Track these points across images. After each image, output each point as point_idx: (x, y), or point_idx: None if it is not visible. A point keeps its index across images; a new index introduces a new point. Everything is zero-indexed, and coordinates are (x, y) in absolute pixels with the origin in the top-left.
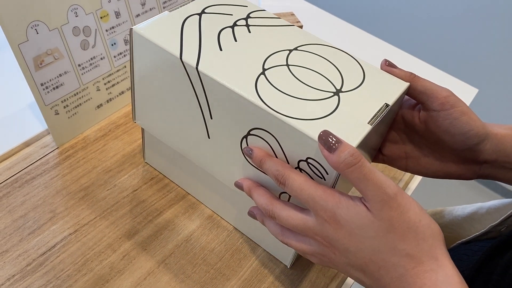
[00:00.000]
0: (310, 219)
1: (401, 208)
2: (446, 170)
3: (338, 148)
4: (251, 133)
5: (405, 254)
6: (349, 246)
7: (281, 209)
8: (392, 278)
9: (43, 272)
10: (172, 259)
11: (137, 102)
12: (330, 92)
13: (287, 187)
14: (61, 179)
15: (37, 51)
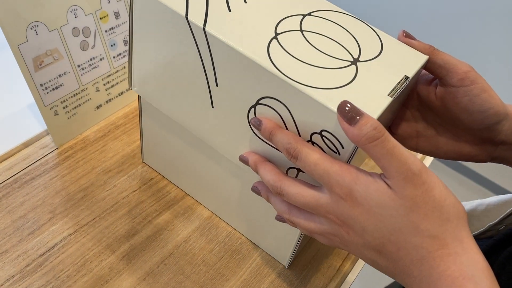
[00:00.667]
0: (322, 196)
1: (425, 186)
2: (459, 150)
3: (360, 120)
4: (261, 102)
5: (428, 235)
6: (367, 225)
7: (290, 186)
8: (413, 260)
9: (42, 273)
10: (171, 260)
11: (135, 66)
12: (347, 61)
13: (299, 162)
14: (60, 180)
15: (36, 51)
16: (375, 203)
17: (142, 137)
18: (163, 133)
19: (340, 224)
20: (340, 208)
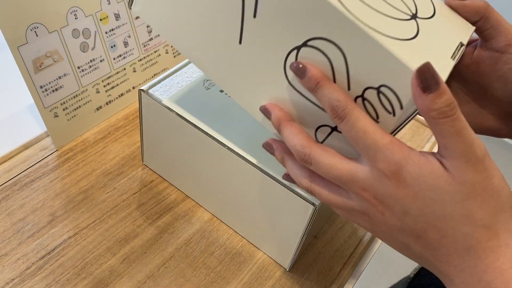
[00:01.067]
0: (361, 171)
1: (487, 172)
2: (481, 122)
3: (436, 91)
4: (309, 44)
5: (481, 224)
6: (410, 208)
7: (322, 155)
8: (458, 249)
9: (42, 276)
10: (172, 263)
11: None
12: (407, 15)
13: (345, 124)
14: (60, 182)
15: (36, 53)
16: (427, 186)
17: (143, 139)
18: (164, 135)
19: (375, 203)
20: (381, 186)
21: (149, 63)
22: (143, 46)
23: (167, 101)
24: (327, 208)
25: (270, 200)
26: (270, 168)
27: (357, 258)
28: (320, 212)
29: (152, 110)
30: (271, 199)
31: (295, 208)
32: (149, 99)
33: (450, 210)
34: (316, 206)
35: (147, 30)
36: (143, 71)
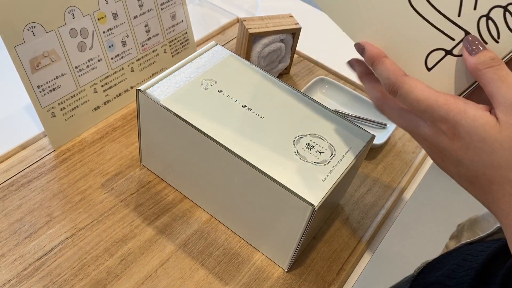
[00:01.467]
0: (424, 125)
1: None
2: None
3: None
4: None
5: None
6: (463, 159)
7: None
8: (504, 194)
9: (39, 277)
10: (170, 264)
11: None
12: None
13: (399, 97)
14: (57, 182)
15: (33, 53)
16: (479, 137)
17: (140, 139)
18: (162, 135)
19: (436, 151)
20: (439, 140)
21: (147, 62)
22: (141, 46)
23: (165, 101)
24: (325, 209)
25: (269, 200)
26: (268, 169)
27: (356, 259)
28: (319, 213)
29: (150, 110)
30: (269, 200)
31: (294, 209)
32: (147, 99)
33: (498, 158)
34: (314, 207)
35: (145, 29)
36: (141, 71)
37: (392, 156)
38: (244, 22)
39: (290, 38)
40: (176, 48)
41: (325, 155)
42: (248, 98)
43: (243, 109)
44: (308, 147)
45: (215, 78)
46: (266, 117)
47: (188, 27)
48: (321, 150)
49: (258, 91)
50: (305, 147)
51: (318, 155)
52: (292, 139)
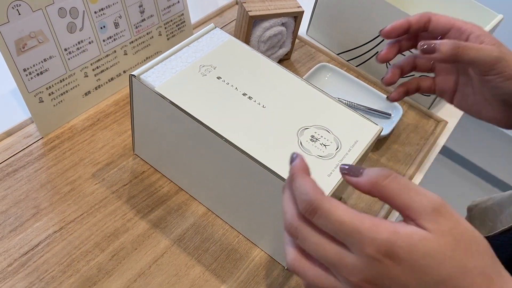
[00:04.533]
0: (348, 256)
1: (454, 216)
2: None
3: (366, 169)
4: None
5: (477, 273)
6: (410, 283)
7: (310, 232)
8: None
9: (25, 273)
10: (164, 260)
11: None
12: None
13: (318, 218)
14: (45, 172)
15: (19, 33)
16: (421, 254)
17: (134, 128)
18: (156, 124)
19: (366, 286)
20: (372, 269)
21: (141, 45)
22: (135, 28)
23: (160, 88)
24: None
25: (269, 195)
26: (270, 162)
27: None
28: None
29: (144, 97)
30: (269, 194)
31: None
32: (141, 86)
33: (448, 269)
34: None
35: (139, 10)
36: (134, 54)
37: (396, 147)
38: (244, 4)
39: (292, 21)
40: (171, 30)
41: (330, 148)
42: (249, 86)
43: (244, 98)
44: (312, 139)
45: (213, 64)
46: (268, 107)
47: (184, 8)
48: (326, 143)
49: (259, 79)
50: (309, 140)
51: (323, 148)
52: (296, 130)
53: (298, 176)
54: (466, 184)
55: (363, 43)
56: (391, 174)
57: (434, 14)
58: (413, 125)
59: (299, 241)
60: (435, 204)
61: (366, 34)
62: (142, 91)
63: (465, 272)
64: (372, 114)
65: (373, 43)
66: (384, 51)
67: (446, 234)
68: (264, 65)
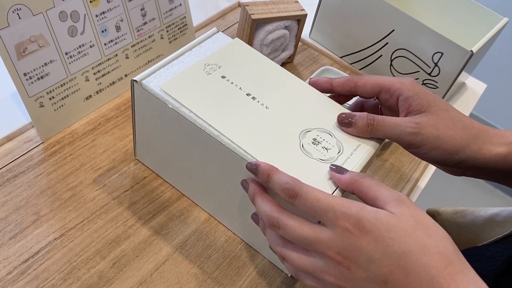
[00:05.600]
0: (323, 231)
1: (415, 207)
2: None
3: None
4: None
5: (436, 251)
6: (374, 253)
7: (288, 219)
8: (422, 282)
9: (25, 282)
10: (166, 267)
11: None
12: None
13: (299, 200)
14: (46, 178)
15: (19, 37)
16: (385, 227)
17: (135, 132)
18: (158, 129)
19: (340, 260)
20: (345, 241)
21: (143, 49)
22: (136, 31)
23: (163, 89)
24: None
25: None
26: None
27: None
28: None
29: (146, 102)
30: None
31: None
32: (143, 91)
33: (408, 244)
34: None
35: (141, 13)
36: (136, 58)
37: (400, 152)
38: (246, 7)
39: (295, 25)
40: (173, 33)
41: (332, 152)
42: (253, 86)
43: (247, 98)
44: (314, 142)
45: (218, 63)
46: (271, 108)
47: (186, 11)
48: (328, 146)
49: (264, 80)
50: (311, 142)
51: (324, 151)
52: (298, 133)
53: (274, 173)
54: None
55: (366, 46)
56: (367, 175)
57: (360, 78)
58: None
59: (280, 231)
60: (399, 197)
61: (370, 37)
62: (144, 96)
63: (424, 249)
64: None
65: (376, 46)
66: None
67: (407, 217)
68: (268, 67)
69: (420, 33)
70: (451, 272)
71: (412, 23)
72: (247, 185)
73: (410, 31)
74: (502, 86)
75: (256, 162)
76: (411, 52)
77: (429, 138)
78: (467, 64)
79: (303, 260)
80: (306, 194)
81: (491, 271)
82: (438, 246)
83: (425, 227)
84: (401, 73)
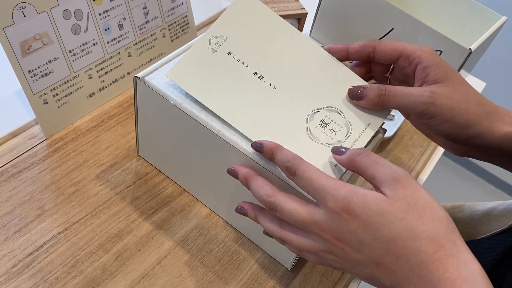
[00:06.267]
0: (317, 212)
1: (413, 186)
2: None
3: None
4: None
5: (425, 236)
6: (364, 237)
7: (285, 201)
8: (412, 266)
9: (29, 274)
10: (168, 261)
11: None
12: None
13: (296, 178)
14: (50, 173)
15: (24, 35)
16: (374, 212)
17: (138, 128)
18: (160, 124)
19: (335, 242)
20: (335, 224)
21: (145, 47)
22: (138, 29)
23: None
24: None
25: None
26: (271, 163)
27: None
28: None
29: (148, 99)
30: None
31: None
32: (145, 88)
33: (397, 229)
34: None
35: (143, 12)
36: (138, 56)
37: (399, 150)
38: None
39: (296, 23)
40: (175, 32)
41: (340, 134)
42: (261, 61)
43: (254, 77)
44: (322, 124)
45: (224, 34)
46: (278, 88)
47: (188, 10)
48: (336, 128)
49: (273, 50)
50: (318, 125)
51: (332, 134)
52: (306, 115)
53: (278, 150)
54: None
55: None
56: (364, 152)
57: (380, 42)
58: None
59: (278, 213)
60: (396, 175)
61: (369, 36)
62: (146, 93)
63: (413, 234)
64: None
65: None
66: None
67: (400, 200)
68: (278, 30)
69: (419, 31)
70: (440, 257)
71: (411, 22)
72: (234, 171)
73: (409, 29)
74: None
75: (260, 141)
76: None
77: (443, 109)
78: (466, 62)
79: (303, 241)
80: (302, 173)
81: (486, 262)
82: (429, 230)
83: (419, 210)
84: None
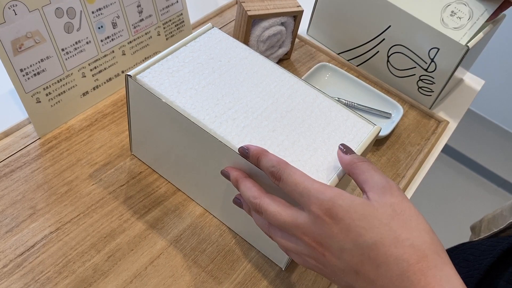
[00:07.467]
0: (300, 216)
1: (401, 197)
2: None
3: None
4: None
5: (409, 244)
6: (345, 243)
7: (269, 204)
8: (392, 276)
9: (20, 274)
10: (161, 261)
11: None
12: None
13: (282, 183)
14: (42, 173)
15: (15, 34)
16: (359, 215)
17: (130, 127)
18: (153, 122)
19: (316, 246)
20: (317, 227)
21: (140, 45)
22: (133, 28)
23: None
24: None
25: None
26: None
27: None
28: None
29: (140, 97)
30: None
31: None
32: (137, 86)
33: (381, 234)
34: None
35: (138, 10)
36: (132, 55)
37: (396, 148)
38: (243, 4)
39: (292, 21)
40: (170, 30)
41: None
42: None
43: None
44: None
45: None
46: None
47: (183, 8)
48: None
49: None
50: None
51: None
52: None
53: (263, 155)
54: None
55: (363, 42)
56: (366, 160)
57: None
58: (413, 125)
59: (262, 215)
60: (387, 184)
61: (367, 34)
62: (138, 91)
63: (396, 242)
64: (373, 114)
65: (373, 43)
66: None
67: (386, 206)
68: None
69: (416, 29)
70: (422, 268)
71: (408, 19)
72: (227, 173)
73: (407, 27)
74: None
75: (247, 146)
76: (408, 48)
77: None
78: (464, 59)
79: (286, 242)
80: (287, 178)
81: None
82: (413, 239)
83: (404, 218)
84: (398, 68)
